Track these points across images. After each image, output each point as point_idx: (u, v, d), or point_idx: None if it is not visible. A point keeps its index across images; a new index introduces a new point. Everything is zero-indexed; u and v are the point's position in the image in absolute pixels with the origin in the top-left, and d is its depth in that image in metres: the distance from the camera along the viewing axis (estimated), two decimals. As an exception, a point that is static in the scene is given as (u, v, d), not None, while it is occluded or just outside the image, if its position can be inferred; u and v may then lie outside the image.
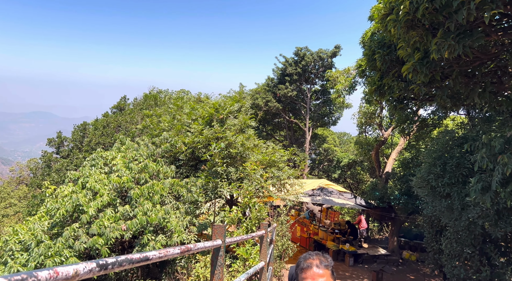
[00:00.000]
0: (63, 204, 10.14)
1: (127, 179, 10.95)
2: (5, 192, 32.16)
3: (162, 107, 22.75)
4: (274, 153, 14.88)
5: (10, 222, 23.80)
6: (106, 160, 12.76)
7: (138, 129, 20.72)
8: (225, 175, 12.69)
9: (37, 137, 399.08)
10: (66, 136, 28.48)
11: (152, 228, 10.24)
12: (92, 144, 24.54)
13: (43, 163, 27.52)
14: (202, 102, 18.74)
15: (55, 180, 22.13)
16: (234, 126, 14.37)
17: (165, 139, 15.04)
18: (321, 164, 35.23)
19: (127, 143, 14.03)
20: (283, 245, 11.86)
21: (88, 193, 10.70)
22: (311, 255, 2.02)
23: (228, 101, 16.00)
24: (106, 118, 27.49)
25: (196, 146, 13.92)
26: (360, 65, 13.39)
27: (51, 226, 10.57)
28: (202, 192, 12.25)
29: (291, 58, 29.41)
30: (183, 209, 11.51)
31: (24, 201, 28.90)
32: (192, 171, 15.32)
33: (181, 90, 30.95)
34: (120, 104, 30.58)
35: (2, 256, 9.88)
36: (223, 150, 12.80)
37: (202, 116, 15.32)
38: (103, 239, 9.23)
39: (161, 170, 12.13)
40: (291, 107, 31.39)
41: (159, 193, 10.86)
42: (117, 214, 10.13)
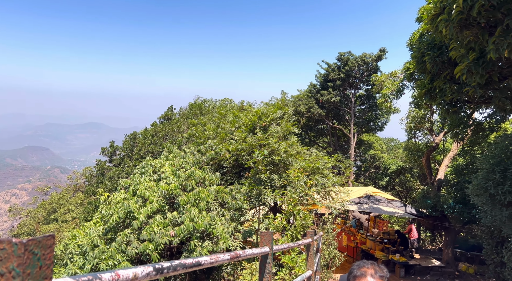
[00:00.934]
0: (116, 210, 10.65)
1: (175, 186, 11.30)
2: (63, 199, 34.47)
3: (206, 116, 23.33)
4: (318, 159, 14.66)
5: (68, 227, 25.41)
6: (155, 167, 13.27)
7: (184, 137, 21.38)
8: (268, 182, 12.69)
9: (91, 146, 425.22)
10: (118, 146, 30.03)
11: (199, 234, 10.44)
12: (142, 153, 25.64)
13: (97, 171, 29.18)
14: (245, 110, 18.96)
15: (108, 187, 23.35)
16: (277, 133, 14.36)
17: (210, 147, 15.37)
18: (368, 171, 34.16)
19: (174, 151, 14.52)
20: (330, 254, 11.58)
21: (138, 199, 11.17)
22: (365, 264, 1.95)
23: (270, 109, 16.06)
24: (154, 128, 28.65)
25: (240, 153, 14.07)
26: (408, 68, 12.89)
27: (105, 231, 11.13)
28: (246, 199, 12.32)
29: (334, 63, 28.99)
30: (228, 215, 11.64)
31: (80, 207, 30.77)
32: (236, 178, 15.50)
33: (224, 99, 31.59)
34: (167, 114, 31.76)
35: (63, 259, 10.56)
36: (266, 157, 12.82)
37: (245, 124, 15.49)
38: (153, 244, 9.55)
39: (207, 177, 12.38)
40: (334, 113, 30.86)
41: (205, 199, 11.07)
42: (166, 220, 10.45)
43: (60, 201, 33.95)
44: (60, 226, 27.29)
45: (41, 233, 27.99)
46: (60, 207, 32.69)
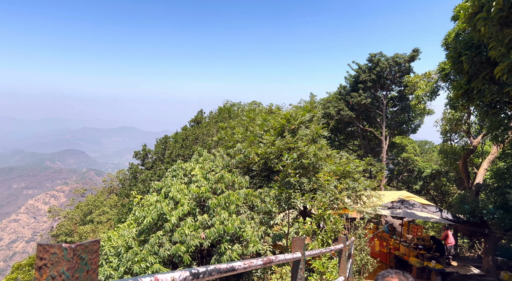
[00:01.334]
0: (149, 213, 10.93)
1: (205, 189, 11.45)
2: (99, 201, 35.76)
3: (235, 120, 23.51)
4: (349, 163, 14.41)
5: (103, 228, 26.33)
6: (186, 170, 13.51)
7: (214, 141, 21.64)
8: (298, 186, 12.59)
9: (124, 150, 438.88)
10: (150, 149, 30.82)
11: (229, 237, 10.50)
12: (173, 156, 26.18)
13: (130, 174, 30.07)
14: (274, 113, 18.95)
15: (141, 190, 23.99)
16: (306, 136, 14.25)
17: (239, 150, 15.47)
18: (400, 174, 33.18)
19: (204, 154, 14.72)
20: (362, 259, 11.33)
21: (170, 202, 11.40)
22: (390, 273, 1.89)
23: (299, 112, 15.96)
24: (185, 132, 29.20)
25: (269, 157, 14.07)
26: (443, 68, 12.44)
27: (139, 233, 11.43)
28: (275, 203, 12.29)
29: (365, 64, 28.45)
30: (257, 219, 11.65)
31: (114, 209, 31.81)
32: (265, 181, 15.49)
33: (252, 102, 31.73)
34: (198, 118, 32.28)
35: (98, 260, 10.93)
36: (296, 161, 12.74)
37: (274, 127, 15.48)
38: (184, 246, 9.71)
39: (236, 180, 12.46)
40: (365, 115, 30.24)
41: (234, 202, 11.14)
42: (197, 223, 10.59)
43: (95, 203, 35.25)
44: (95, 227, 28.34)
45: (78, 234, 29.21)
46: (95, 209, 33.94)
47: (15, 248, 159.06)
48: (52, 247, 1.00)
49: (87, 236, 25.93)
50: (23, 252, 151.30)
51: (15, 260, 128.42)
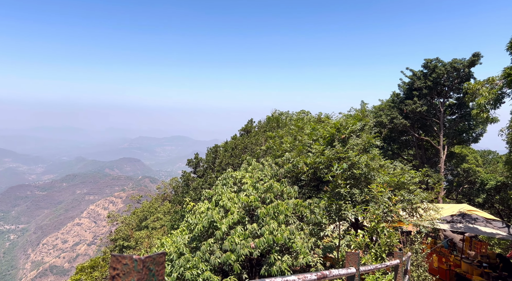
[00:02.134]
0: (201, 220, 11.21)
1: (254, 198, 11.54)
2: (153, 207, 37.36)
3: (283, 129, 23.51)
4: (403, 174, 13.77)
5: (157, 234, 27.41)
6: (235, 179, 13.72)
7: (262, 150, 21.78)
8: (349, 197, 12.24)
9: (177, 158, 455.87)
10: (201, 158, 31.74)
11: (278, 248, 10.45)
12: (223, 164, 26.73)
13: (183, 182, 31.11)
14: (323, 122, 18.70)
15: (192, 197, 24.71)
16: (357, 146, 13.87)
17: (287, 160, 15.41)
18: (460, 186, 31.01)
19: (253, 163, 14.87)
20: (420, 276, 10.70)
21: (220, 210, 11.62)
22: None
23: (349, 120, 15.60)
24: (234, 141, 29.73)
25: (318, 167, 13.85)
26: (508, 74, 11.55)
27: (191, 239, 11.76)
28: (325, 214, 12.04)
29: (419, 71, 27.21)
30: (307, 230, 11.48)
31: (168, 216, 33.02)
32: (314, 192, 15.26)
33: (301, 111, 31.56)
34: (247, 127, 32.74)
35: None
36: (346, 171, 12.43)
37: (323, 136, 15.25)
38: (234, 255, 9.81)
39: (285, 190, 12.41)
40: (420, 123, 28.80)
41: (283, 213, 11.09)
42: (246, 232, 10.68)
43: (150, 209, 36.87)
44: (150, 232, 29.59)
45: (134, 239, 30.65)
46: (150, 215, 35.48)
47: (78, 250, 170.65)
48: (124, 258, 1.07)
49: (142, 241, 27.16)
50: (85, 254, 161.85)
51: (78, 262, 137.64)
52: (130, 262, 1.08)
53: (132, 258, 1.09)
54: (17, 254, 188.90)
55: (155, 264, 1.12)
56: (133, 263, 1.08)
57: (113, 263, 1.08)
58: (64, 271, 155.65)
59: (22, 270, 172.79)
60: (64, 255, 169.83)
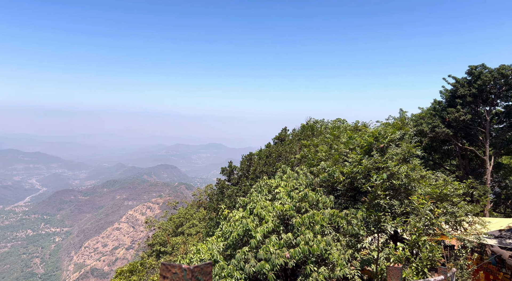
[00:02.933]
0: (235, 228, 11.25)
1: (289, 207, 11.43)
2: (189, 214, 38.02)
3: (319, 137, 23.24)
4: (446, 185, 13.14)
5: (193, 240, 27.82)
6: (270, 187, 13.68)
7: (297, 158, 21.60)
8: (388, 208, 11.84)
9: (212, 165, 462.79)
10: (235, 166, 32.00)
11: (314, 259, 10.26)
12: (257, 172, 26.78)
13: (218, 189, 31.48)
14: (360, 131, 18.30)
15: (227, 205, 24.92)
16: (397, 155, 13.41)
17: (323, 169, 15.17)
18: (509, 199, 29.10)
19: (288, 171, 14.76)
20: (465, 294, 10.10)
21: (255, 218, 11.60)
22: None
23: (388, 129, 15.16)
24: (268, 149, 29.76)
25: (355, 176, 13.54)
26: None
27: (225, 247, 11.82)
28: (363, 225, 11.70)
29: (463, 78, 26.04)
30: (344, 241, 11.20)
31: (203, 222, 33.49)
32: (351, 202, 14.89)
33: (337, 119, 31.08)
34: (281, 135, 32.69)
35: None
36: (385, 181, 12.04)
37: (360, 145, 14.91)
38: (269, 264, 9.74)
39: (320, 199, 12.20)
40: (464, 132, 27.44)
41: (319, 223, 10.89)
42: (281, 241, 10.58)
43: (186, 216, 37.55)
44: (186, 239, 30.09)
45: (171, 245, 31.27)
46: (186, 221, 36.12)
47: (117, 254, 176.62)
48: (173, 267, 1.09)
49: (178, 247, 27.67)
50: (123, 258, 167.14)
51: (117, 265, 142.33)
52: (180, 271, 1.09)
53: (181, 267, 1.10)
54: (61, 256, 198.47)
55: (203, 274, 1.13)
56: (182, 272, 1.09)
57: (162, 271, 1.10)
58: (104, 274, 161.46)
59: (65, 271, 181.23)
60: (104, 258, 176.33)
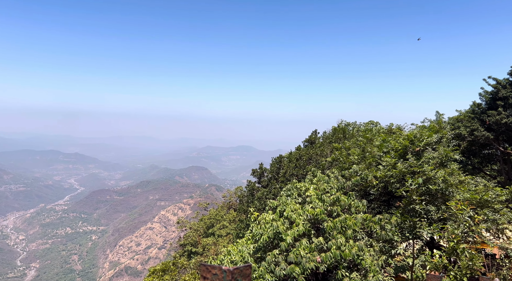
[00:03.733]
0: (265, 230, 11.25)
1: (320, 210, 11.29)
2: (219, 215, 38.42)
3: (350, 140, 22.81)
4: (487, 191, 12.51)
5: (223, 242, 28.08)
6: (300, 190, 13.57)
7: (328, 161, 21.31)
8: (424, 214, 11.44)
9: (241, 168, 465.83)
10: (265, 168, 32.04)
11: (346, 264, 10.07)
12: (287, 175, 26.67)
13: (248, 191, 31.61)
14: (394, 134, 17.80)
15: (257, 207, 24.96)
16: (433, 159, 12.94)
17: (355, 172, 14.87)
18: (557, 206, 27.26)
19: (318, 175, 14.59)
20: (508, 307, 9.55)
21: (285, 221, 11.55)
22: None
23: (424, 132, 14.65)
24: (298, 151, 29.55)
25: (389, 180, 13.18)
26: None
27: (256, 249, 11.84)
28: (397, 231, 11.36)
29: (505, 79, 24.75)
30: (377, 247, 10.92)
31: (233, 224, 33.73)
32: (385, 207, 14.51)
33: (369, 122, 30.40)
34: (311, 138, 32.39)
35: None
36: (421, 186, 11.63)
37: (395, 148, 14.51)
38: (299, 268, 9.66)
39: (353, 204, 11.97)
40: (506, 136, 26.01)
41: (351, 227, 10.69)
42: (312, 245, 10.47)
43: (216, 217, 37.97)
44: (216, 240, 30.43)
45: (202, 245, 31.71)
46: (216, 222, 36.53)
47: (149, 253, 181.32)
48: (214, 268, 1.11)
49: (209, 248, 28.02)
50: (155, 257, 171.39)
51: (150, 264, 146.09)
52: (220, 273, 1.11)
53: (221, 269, 1.12)
54: (98, 253, 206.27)
55: (242, 276, 1.14)
56: (222, 273, 1.11)
57: (203, 272, 1.11)
58: (137, 272, 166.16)
59: (101, 269, 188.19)
60: (138, 257, 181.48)
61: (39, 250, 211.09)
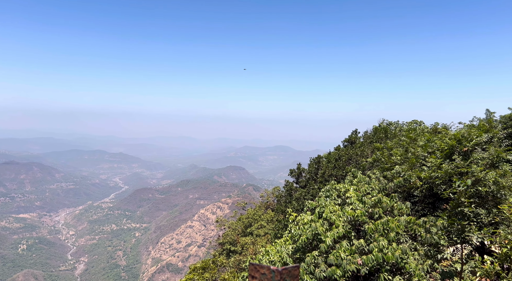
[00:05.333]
0: (304, 231, 11.16)
1: (360, 212, 11.03)
2: (257, 215, 38.61)
3: (393, 140, 22.08)
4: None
5: (261, 241, 28.20)
6: (339, 191, 13.33)
7: (369, 162, 20.75)
8: (473, 217, 10.81)
9: (278, 168, 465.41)
10: (303, 168, 31.77)
11: (389, 267, 9.76)
12: (326, 176, 26.28)
13: (286, 192, 31.51)
14: (440, 134, 17.02)
15: (295, 208, 24.82)
16: (483, 160, 12.21)
17: (398, 173, 14.38)
18: None
19: (359, 176, 14.24)
20: None
21: (324, 222, 11.39)
22: None
23: (473, 131, 13.87)
24: (337, 152, 29.03)
25: (434, 182, 12.62)
26: None
27: (294, 250, 11.78)
28: (443, 234, 10.83)
29: None
30: (421, 251, 10.48)
31: (271, 224, 33.77)
32: (430, 209, 13.90)
33: (413, 121, 29.23)
34: (351, 138, 31.70)
35: None
36: (470, 188, 11.01)
37: (441, 148, 13.86)
38: (340, 270, 9.49)
39: (396, 206, 11.58)
40: None
41: (394, 230, 10.34)
42: (352, 247, 10.25)
43: (254, 217, 38.20)
44: (254, 239, 30.60)
45: (240, 244, 32.03)
46: (254, 222, 36.76)
47: (189, 251, 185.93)
48: (262, 267, 1.11)
49: (247, 247, 28.26)
50: (195, 255, 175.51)
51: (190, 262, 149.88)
52: (268, 272, 1.11)
53: (270, 268, 1.12)
54: (141, 250, 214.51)
55: (291, 276, 1.14)
56: (271, 273, 1.11)
57: (251, 271, 1.12)
58: (178, 269, 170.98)
59: (144, 265, 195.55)
60: (178, 254, 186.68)
61: (87, 245, 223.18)
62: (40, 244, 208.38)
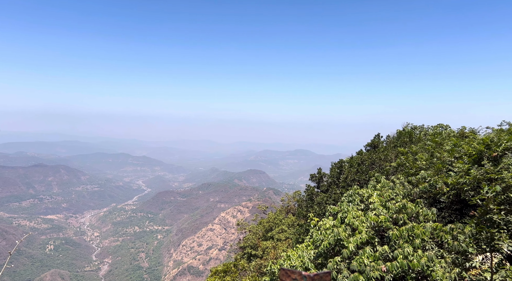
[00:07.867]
0: (326, 236, 11.03)
1: (384, 218, 10.82)
2: (278, 219, 38.46)
3: (417, 144, 21.58)
4: None
5: (282, 246, 28.06)
6: (362, 197, 13.12)
7: (392, 167, 20.35)
8: (503, 225, 10.40)
9: (299, 172, 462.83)
10: (325, 173, 31.47)
11: (414, 275, 9.51)
12: (348, 180, 25.93)
13: (307, 196, 31.28)
14: (467, 138, 16.51)
15: (316, 212, 24.59)
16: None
17: (423, 178, 14.03)
18: None
19: (382, 180, 14.00)
20: None
21: (347, 228, 11.24)
22: None
23: (503, 136, 13.40)
24: (360, 156, 28.61)
25: (461, 187, 12.23)
26: None
27: (316, 255, 11.66)
28: (472, 242, 10.47)
29: None
30: (449, 258, 10.16)
31: (292, 229, 33.56)
32: (457, 216, 13.48)
33: (438, 125, 28.48)
34: (374, 142, 31.18)
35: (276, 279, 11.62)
36: (500, 194, 10.62)
37: (468, 153, 13.44)
38: (363, 277, 9.32)
39: (421, 212, 11.29)
40: None
41: (420, 236, 10.08)
42: (376, 254, 10.05)
43: (275, 221, 38.06)
44: (275, 243, 30.48)
45: (261, 248, 31.96)
46: (275, 226, 36.62)
47: (210, 254, 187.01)
48: (293, 273, 1.12)
49: (269, 252, 28.17)
50: (216, 258, 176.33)
51: (211, 265, 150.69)
52: (299, 278, 1.11)
53: (301, 274, 1.13)
54: (163, 252, 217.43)
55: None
56: (302, 279, 1.11)
57: (282, 276, 1.13)
58: (199, 272, 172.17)
59: (166, 267, 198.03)
60: (199, 257, 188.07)
61: (111, 247, 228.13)
62: (67, 245, 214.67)
